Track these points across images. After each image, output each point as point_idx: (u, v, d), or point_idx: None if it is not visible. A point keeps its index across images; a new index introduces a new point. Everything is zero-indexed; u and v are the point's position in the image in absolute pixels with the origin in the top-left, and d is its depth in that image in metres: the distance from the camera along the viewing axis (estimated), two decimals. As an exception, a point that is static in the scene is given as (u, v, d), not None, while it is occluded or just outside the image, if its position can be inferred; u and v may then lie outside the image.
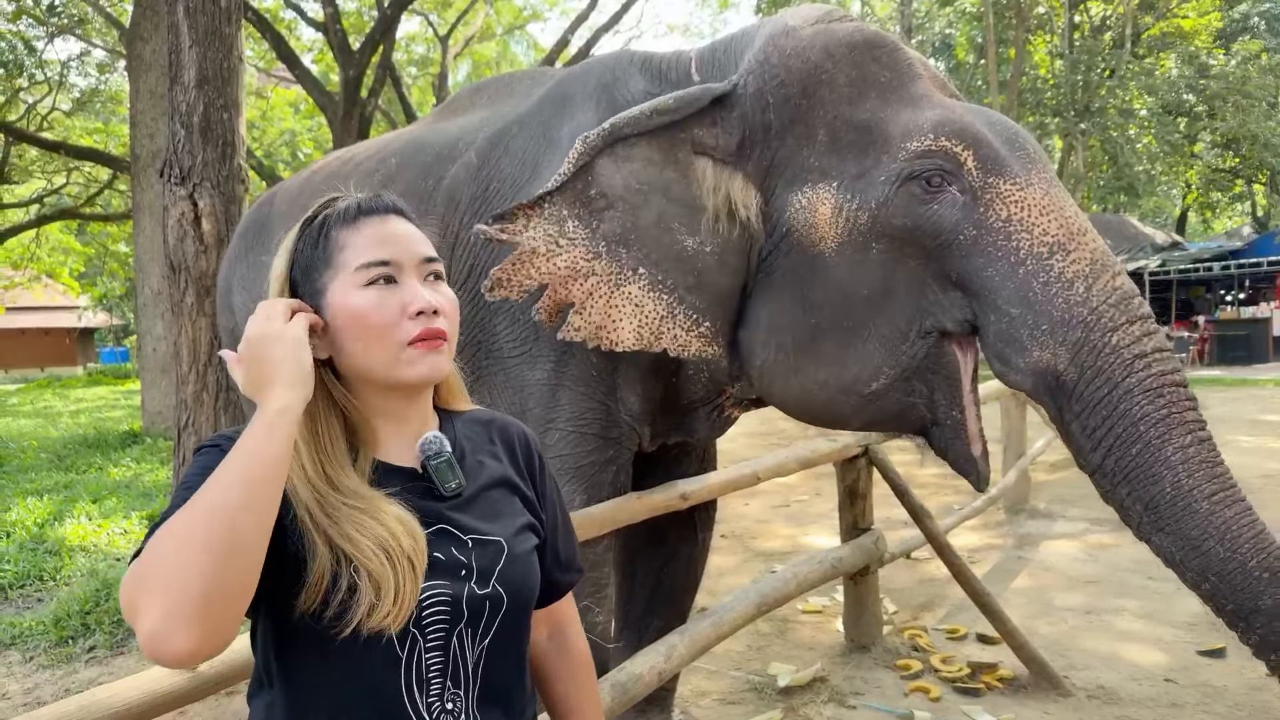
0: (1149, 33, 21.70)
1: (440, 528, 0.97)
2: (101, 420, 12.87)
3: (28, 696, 3.50)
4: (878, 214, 1.75)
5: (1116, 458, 1.60)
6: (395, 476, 0.98)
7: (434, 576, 0.94)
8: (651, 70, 2.09)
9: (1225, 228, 31.19)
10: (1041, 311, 1.65)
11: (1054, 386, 1.66)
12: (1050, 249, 1.68)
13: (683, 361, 2.07)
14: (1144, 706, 3.11)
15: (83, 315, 29.93)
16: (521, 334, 2.07)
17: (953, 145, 1.72)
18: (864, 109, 1.81)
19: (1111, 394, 1.60)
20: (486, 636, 0.98)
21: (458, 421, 1.09)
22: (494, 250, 2.07)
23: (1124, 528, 1.70)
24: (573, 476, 2.10)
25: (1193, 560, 1.55)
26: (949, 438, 1.83)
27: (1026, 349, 1.66)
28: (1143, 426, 1.57)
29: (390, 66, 14.40)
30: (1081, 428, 1.65)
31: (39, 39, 16.15)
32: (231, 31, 4.30)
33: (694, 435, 2.33)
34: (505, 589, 0.99)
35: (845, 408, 1.88)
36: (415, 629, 0.92)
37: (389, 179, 2.33)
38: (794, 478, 7.10)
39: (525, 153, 2.12)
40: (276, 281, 1.01)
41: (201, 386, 4.24)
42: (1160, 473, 1.56)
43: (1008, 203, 1.71)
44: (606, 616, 2.25)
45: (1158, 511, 1.57)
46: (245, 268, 2.78)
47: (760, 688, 3.35)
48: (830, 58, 1.83)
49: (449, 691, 0.95)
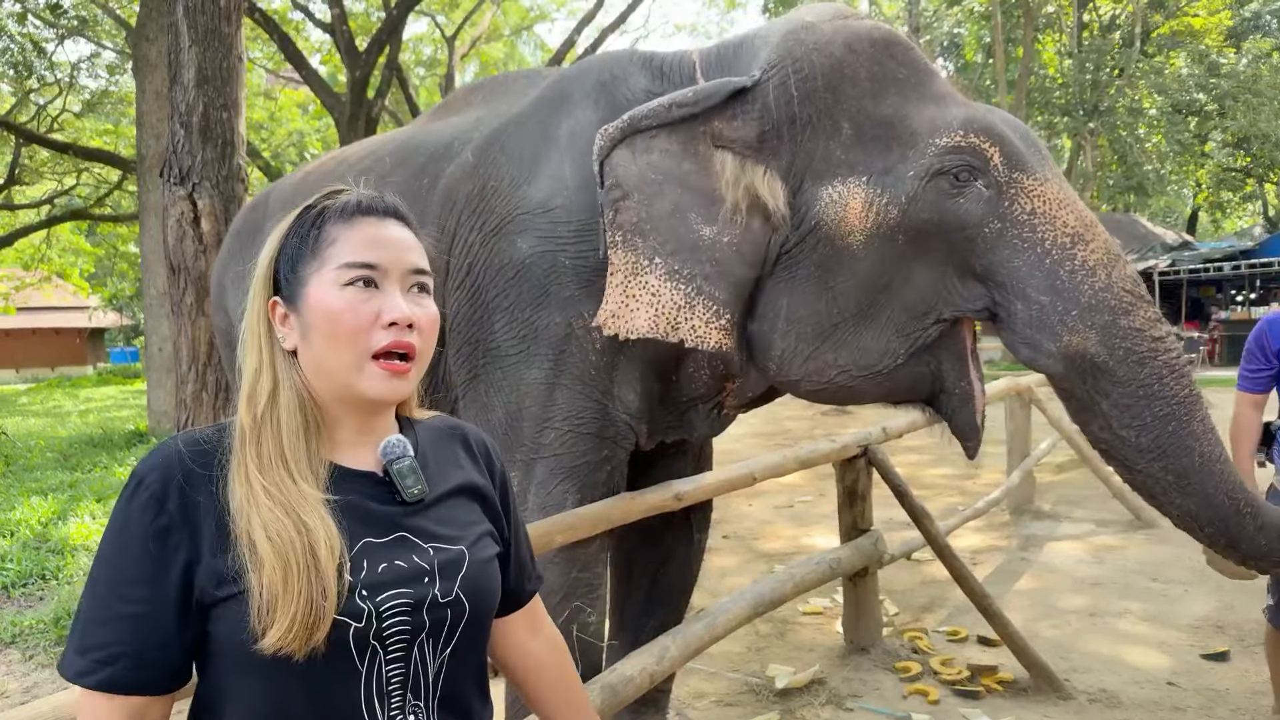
0: (1159, 31, 21.58)
1: (401, 535, 0.95)
2: (109, 420, 12.94)
3: (27, 695, 3.51)
4: (907, 208, 1.81)
5: (1155, 434, 1.75)
6: (353, 481, 0.96)
7: (396, 585, 0.91)
8: (653, 69, 2.10)
9: (1236, 227, 30.97)
10: (1070, 298, 1.76)
11: (1086, 369, 1.78)
12: (1072, 239, 1.79)
13: (682, 358, 2.07)
14: (1145, 710, 3.08)
15: (93, 315, 30.02)
16: (520, 332, 2.06)
17: (981, 141, 1.80)
18: (885, 104, 1.86)
19: (1143, 373, 1.75)
20: (448, 646, 0.96)
21: (419, 428, 1.07)
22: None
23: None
24: (567, 475, 2.09)
25: (1206, 513, 1.77)
26: (957, 406, 1.93)
27: (1058, 334, 1.77)
28: (1174, 405, 1.75)
29: (397, 67, 14.42)
30: (1115, 406, 1.78)
31: (49, 41, 16.23)
32: (231, 31, 4.31)
33: (693, 433, 2.32)
34: (468, 597, 0.97)
35: (864, 387, 1.96)
36: (375, 640, 0.89)
37: (382, 178, 2.31)
38: (798, 478, 7.07)
39: (523, 151, 2.11)
40: (263, 265, 0.99)
41: (201, 386, 4.25)
42: (1190, 445, 1.75)
43: (1031, 196, 1.80)
44: (599, 617, 2.24)
45: (1187, 478, 1.75)
46: (239, 268, 2.77)
47: (758, 689, 3.33)
48: (853, 52, 1.86)
49: (410, 703, 0.93)
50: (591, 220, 1.97)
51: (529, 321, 2.03)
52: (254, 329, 0.97)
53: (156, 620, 0.87)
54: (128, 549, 0.87)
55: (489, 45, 22.88)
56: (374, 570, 0.91)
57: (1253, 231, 25.78)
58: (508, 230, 2.06)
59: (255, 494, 0.88)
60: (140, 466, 0.91)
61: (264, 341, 0.96)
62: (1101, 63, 20.55)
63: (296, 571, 0.84)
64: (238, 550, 0.86)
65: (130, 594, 0.86)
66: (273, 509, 0.87)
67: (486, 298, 2.08)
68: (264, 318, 0.97)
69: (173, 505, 0.88)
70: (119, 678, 0.86)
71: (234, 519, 0.87)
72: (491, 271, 2.07)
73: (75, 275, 23.60)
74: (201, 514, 0.88)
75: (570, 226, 2.00)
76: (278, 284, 0.98)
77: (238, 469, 0.90)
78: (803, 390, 2.04)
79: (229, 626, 0.87)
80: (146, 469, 0.90)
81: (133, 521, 0.88)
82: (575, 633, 2.09)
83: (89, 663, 0.85)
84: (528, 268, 2.02)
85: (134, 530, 0.87)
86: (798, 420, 11.02)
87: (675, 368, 2.12)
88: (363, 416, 0.99)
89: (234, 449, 0.91)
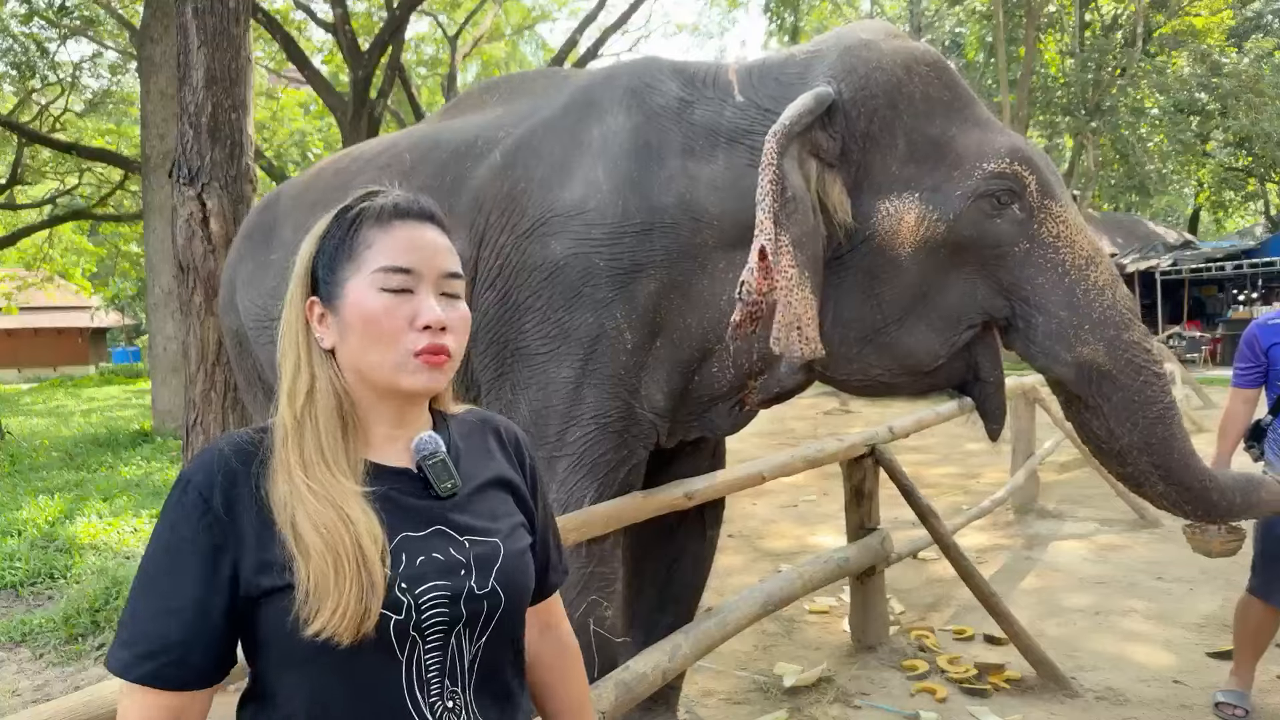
0: (1160, 31, 21.55)
1: (437, 528, 0.97)
2: (113, 419, 12.96)
3: (37, 693, 3.52)
4: (953, 224, 1.96)
5: (1145, 434, 1.99)
6: (388, 477, 0.98)
7: (434, 577, 0.94)
8: (684, 77, 2.16)
9: (1238, 226, 30.97)
10: (1084, 314, 1.96)
11: (1093, 376, 1.97)
12: (1087, 261, 1.99)
13: (708, 358, 2.12)
14: (1152, 708, 3.10)
15: (95, 315, 30.05)
16: (551, 332, 2.09)
17: (1021, 169, 1.96)
18: (934, 125, 1.99)
19: (1138, 380, 1.97)
20: (484, 635, 0.98)
21: (452, 422, 1.09)
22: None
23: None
24: (588, 473, 2.12)
25: (1183, 495, 2.04)
26: (990, 393, 2.10)
27: (1073, 345, 1.96)
28: (1161, 409, 1.99)
29: (399, 67, 14.43)
30: (1115, 409, 1.99)
31: (51, 41, 16.25)
32: (240, 32, 4.31)
33: (715, 431, 2.35)
34: (503, 588, 0.99)
35: (906, 384, 2.12)
36: (415, 632, 0.92)
37: (404, 175, 2.32)
38: (803, 478, 7.09)
39: (554, 155, 2.15)
40: (300, 264, 1.01)
41: (209, 386, 4.25)
42: (1172, 443, 2.00)
43: (1057, 222, 1.99)
44: (615, 611, 2.26)
45: (1169, 470, 2.01)
46: (251, 267, 2.78)
47: (766, 687, 3.34)
48: (910, 73, 1.98)
49: (448, 690, 0.96)
50: (623, 224, 2.01)
51: (560, 322, 2.06)
52: (292, 328, 0.99)
53: (202, 616, 0.89)
54: (174, 548, 0.90)
55: (491, 45, 22.87)
56: (412, 563, 0.94)
57: (1254, 231, 25.79)
58: (541, 232, 2.08)
59: (298, 488, 0.90)
60: (187, 469, 0.94)
61: (302, 340, 0.98)
62: (1103, 62, 20.54)
63: (346, 562, 0.87)
64: (282, 543, 0.89)
65: (176, 591, 0.89)
66: (317, 503, 0.89)
67: (518, 298, 2.11)
68: (302, 317, 0.99)
69: (217, 504, 0.90)
70: (163, 673, 0.88)
71: (278, 512, 0.90)
72: (524, 273, 2.10)
73: (77, 275, 23.60)
74: (244, 510, 0.91)
75: (604, 229, 2.03)
76: (315, 284, 1.00)
77: (280, 465, 0.92)
78: (848, 387, 2.18)
79: (275, 618, 0.89)
80: (193, 470, 0.93)
81: (179, 521, 0.91)
82: (592, 627, 2.12)
83: (133, 656, 0.88)
84: (561, 269, 2.05)
85: (181, 529, 0.90)
86: (802, 420, 11.04)
87: (699, 367, 2.15)
88: (397, 412, 1.01)
89: (276, 446, 0.94)
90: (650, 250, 2.03)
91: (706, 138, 2.05)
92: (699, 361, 2.14)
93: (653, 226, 2.03)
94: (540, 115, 2.26)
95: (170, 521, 0.91)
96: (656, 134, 2.08)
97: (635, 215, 2.03)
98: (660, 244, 2.03)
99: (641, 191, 2.04)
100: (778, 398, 2.21)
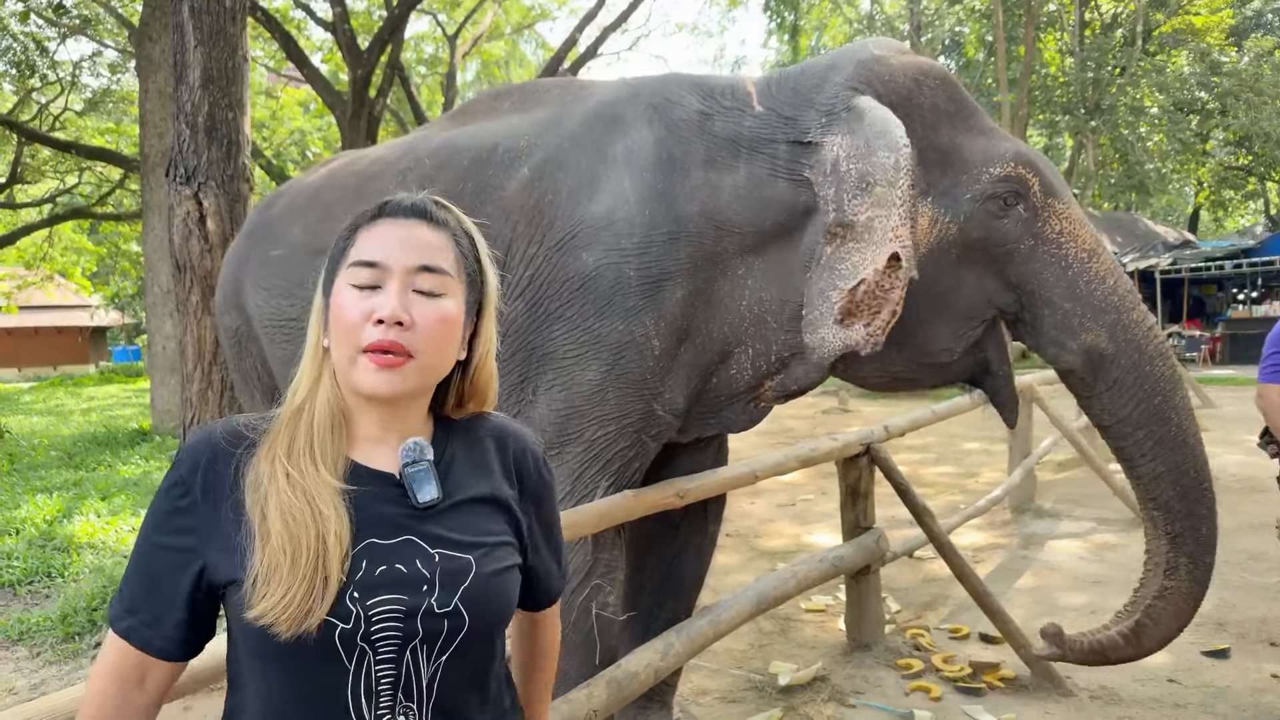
0: (1160, 29, 21.56)
1: (407, 538, 0.95)
2: (112, 418, 12.96)
3: (34, 692, 3.53)
4: (963, 225, 2.09)
5: (1144, 408, 2.12)
6: (368, 480, 0.97)
7: (389, 590, 0.91)
8: (704, 91, 2.23)
9: (1238, 226, 30.94)
10: (1087, 303, 2.10)
11: (1097, 360, 2.12)
12: (1088, 254, 2.13)
13: (728, 358, 2.19)
14: (1146, 707, 3.10)
15: (95, 314, 30.09)
16: (580, 339, 2.13)
17: (1025, 172, 2.10)
18: (942, 133, 2.12)
19: (1140, 358, 2.11)
20: (444, 654, 0.94)
21: (457, 429, 1.07)
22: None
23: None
24: (603, 466, 2.17)
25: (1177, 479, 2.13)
26: (1002, 385, 2.23)
27: (1078, 334, 2.11)
28: (1160, 383, 2.11)
29: (399, 66, 14.42)
30: (1116, 384, 2.12)
31: (51, 40, 16.25)
32: (236, 31, 4.31)
33: (731, 428, 2.40)
34: (468, 609, 0.94)
35: (924, 376, 2.26)
36: (364, 643, 0.90)
37: (426, 179, 2.34)
38: (801, 476, 7.10)
39: (580, 168, 2.20)
40: (325, 268, 1.04)
41: (207, 385, 4.25)
42: (1170, 416, 2.13)
43: (1060, 219, 2.13)
44: (617, 597, 2.30)
45: (1163, 444, 2.13)
46: (256, 266, 2.73)
47: (761, 686, 3.34)
48: (919, 86, 2.11)
49: (400, 704, 0.93)
50: (651, 234, 2.08)
51: (591, 329, 2.10)
52: (311, 326, 1.02)
53: (171, 587, 0.94)
54: (156, 523, 0.96)
55: (490, 44, 22.88)
56: (371, 572, 0.92)
57: (1254, 230, 25.73)
58: (572, 244, 2.13)
59: (277, 474, 0.92)
60: (181, 447, 0.99)
61: (313, 339, 1.01)
62: (1103, 61, 20.54)
63: (304, 555, 0.88)
64: (248, 530, 0.91)
65: (153, 560, 0.95)
66: (290, 490, 0.91)
67: (549, 307, 2.15)
68: (321, 316, 1.01)
69: (197, 486, 0.94)
70: (133, 632, 0.95)
71: (249, 493, 0.92)
72: (556, 284, 2.14)
73: (77, 274, 23.65)
74: (222, 493, 0.93)
75: (633, 239, 2.09)
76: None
77: (266, 449, 0.95)
78: (867, 383, 2.30)
79: (235, 608, 0.91)
80: (184, 451, 0.97)
81: (161, 497, 0.96)
82: (595, 611, 2.16)
83: (120, 610, 0.96)
84: (593, 279, 2.10)
85: (161, 505, 0.96)
86: (799, 419, 11.05)
87: (718, 369, 2.21)
88: (377, 414, 1.00)
89: (270, 432, 0.97)
90: (676, 258, 2.10)
91: (728, 148, 2.15)
92: (718, 363, 2.21)
93: (678, 235, 2.10)
94: (564, 128, 2.30)
95: (156, 497, 0.96)
96: (680, 146, 2.16)
97: (662, 225, 2.10)
98: (685, 252, 2.10)
99: (667, 202, 2.11)
100: (792, 394, 2.27)
